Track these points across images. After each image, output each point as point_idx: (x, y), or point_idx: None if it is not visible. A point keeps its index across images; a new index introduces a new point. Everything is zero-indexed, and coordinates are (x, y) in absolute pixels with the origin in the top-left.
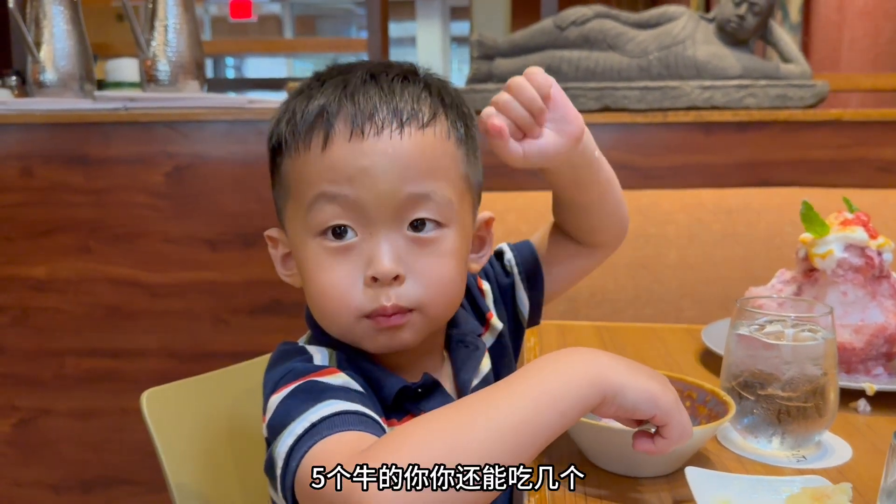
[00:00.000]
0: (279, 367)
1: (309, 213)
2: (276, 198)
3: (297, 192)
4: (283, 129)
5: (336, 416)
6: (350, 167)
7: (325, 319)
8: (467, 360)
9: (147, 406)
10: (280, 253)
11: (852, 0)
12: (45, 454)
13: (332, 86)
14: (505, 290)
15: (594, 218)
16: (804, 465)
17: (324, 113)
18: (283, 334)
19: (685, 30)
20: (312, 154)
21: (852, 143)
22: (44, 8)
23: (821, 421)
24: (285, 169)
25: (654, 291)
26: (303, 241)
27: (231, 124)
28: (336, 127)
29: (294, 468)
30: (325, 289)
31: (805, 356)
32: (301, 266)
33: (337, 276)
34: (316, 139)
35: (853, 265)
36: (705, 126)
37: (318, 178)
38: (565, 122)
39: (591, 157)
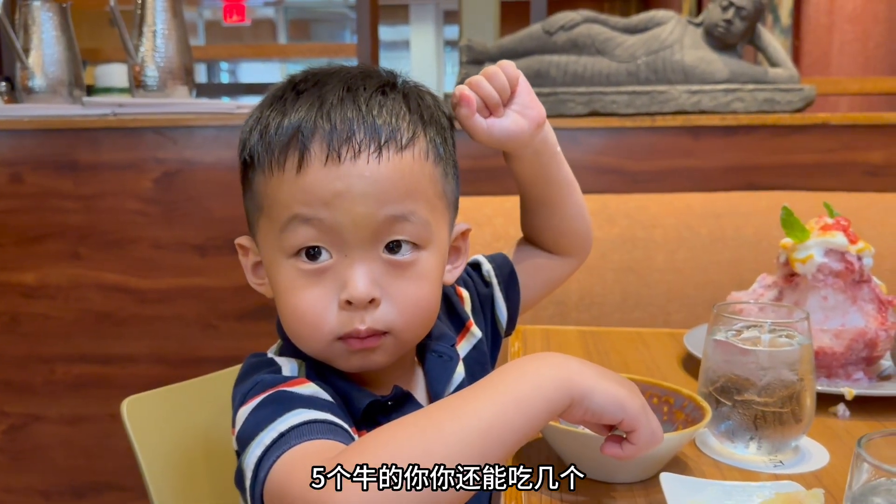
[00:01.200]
0: (248, 380)
1: (282, 233)
2: (247, 208)
3: (269, 211)
4: (255, 143)
5: (304, 426)
6: (325, 191)
7: (298, 340)
8: (441, 371)
9: (127, 413)
10: (251, 262)
11: (842, 4)
12: (36, 460)
13: (307, 101)
14: (484, 299)
15: (558, 219)
16: (781, 470)
17: (298, 133)
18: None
19: (673, 34)
20: (287, 176)
21: (840, 146)
22: (32, 14)
23: (797, 426)
24: (257, 185)
25: (642, 295)
26: (275, 260)
27: (219, 130)
28: (311, 149)
29: (263, 478)
30: (299, 311)
31: (781, 361)
32: (274, 284)
33: (311, 298)
34: (290, 160)
35: (833, 270)
36: (693, 130)
37: (293, 200)
38: (528, 108)
39: (553, 149)
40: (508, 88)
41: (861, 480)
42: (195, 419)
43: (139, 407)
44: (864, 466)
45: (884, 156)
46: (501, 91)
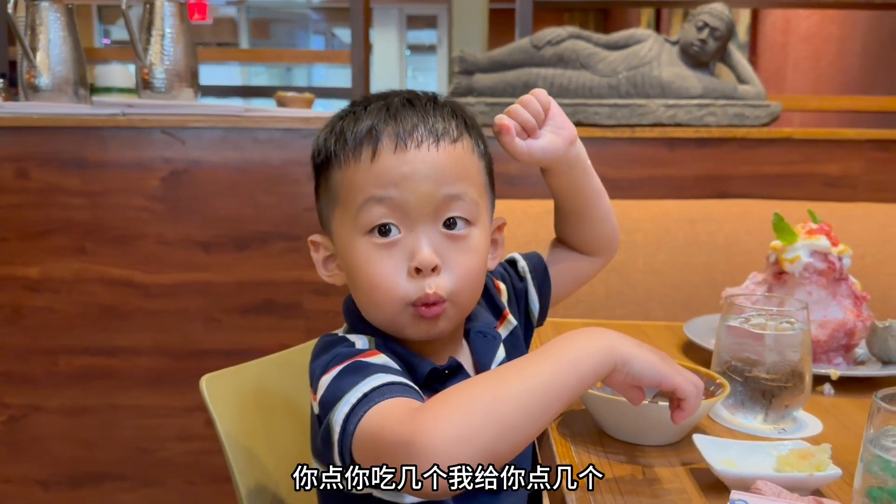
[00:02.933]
0: (326, 353)
1: (358, 214)
2: (321, 207)
3: (346, 199)
4: (331, 146)
5: (385, 387)
6: (395, 174)
7: (372, 309)
8: (486, 348)
9: (207, 390)
10: (322, 256)
11: (797, 24)
12: (35, 451)
13: (376, 109)
14: (520, 292)
15: (588, 225)
16: (784, 435)
17: (372, 130)
18: (274, 333)
19: (651, 52)
20: (363, 165)
21: (801, 159)
22: (40, 14)
23: (798, 398)
24: (334, 180)
25: (624, 293)
26: (351, 241)
27: (227, 131)
28: (383, 141)
29: (352, 431)
30: (375, 280)
31: (786, 344)
32: (350, 263)
33: (385, 268)
34: (366, 152)
35: (817, 269)
36: (669, 141)
37: (367, 185)
38: (561, 128)
39: (585, 163)
40: (542, 112)
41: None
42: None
43: (217, 384)
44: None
45: (840, 168)
46: (536, 115)
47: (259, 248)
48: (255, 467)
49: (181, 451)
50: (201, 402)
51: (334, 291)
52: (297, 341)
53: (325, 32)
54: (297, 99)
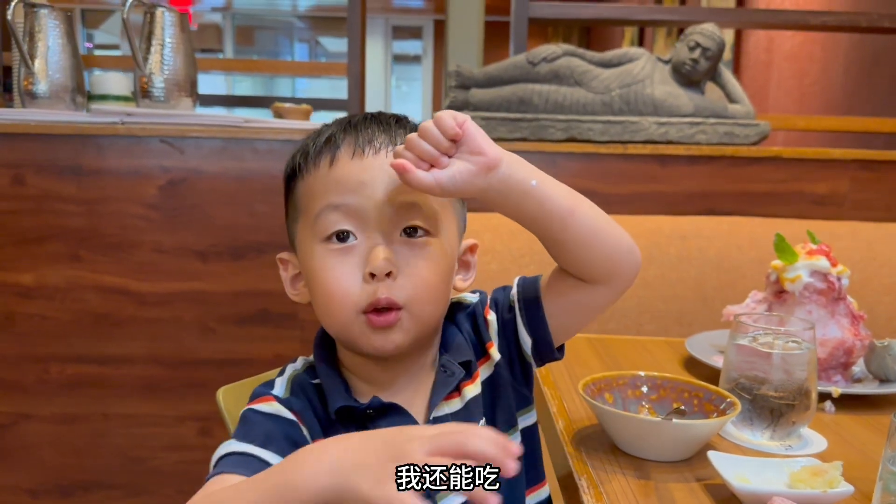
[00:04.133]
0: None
1: (316, 221)
2: (288, 224)
3: (306, 208)
4: (297, 159)
5: (228, 457)
6: (352, 180)
7: (327, 318)
8: (440, 385)
9: (223, 401)
10: (290, 274)
11: (780, 43)
12: (24, 459)
13: (338, 122)
14: (506, 324)
15: (569, 250)
16: (791, 452)
17: (332, 138)
18: (269, 343)
19: (644, 70)
20: (321, 172)
21: (790, 178)
22: (39, 21)
23: (805, 415)
24: (297, 191)
25: (616, 308)
26: (311, 250)
27: (227, 141)
28: (342, 149)
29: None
30: (330, 285)
31: (793, 363)
32: (308, 273)
33: (340, 273)
34: (324, 160)
35: (817, 288)
36: (661, 158)
37: (326, 191)
38: (476, 154)
39: (522, 186)
40: (442, 139)
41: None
42: None
43: (234, 395)
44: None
45: (828, 187)
46: (436, 144)
47: (255, 258)
48: None
49: (173, 461)
50: (195, 411)
51: None
52: (291, 351)
53: (310, 41)
54: (294, 110)
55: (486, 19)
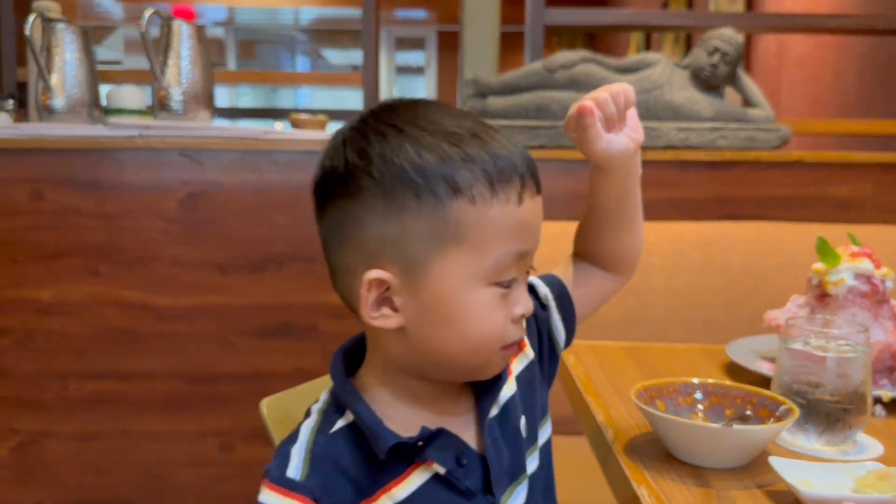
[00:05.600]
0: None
1: (494, 264)
2: (402, 238)
3: (474, 241)
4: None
5: None
6: (533, 225)
7: (473, 355)
8: (488, 389)
9: (267, 413)
10: (375, 296)
11: (791, 48)
12: (45, 476)
13: (495, 138)
14: (542, 322)
15: (626, 235)
16: (848, 457)
17: (514, 166)
18: (290, 356)
19: (663, 76)
20: (506, 209)
21: (812, 182)
22: (56, 35)
23: (860, 419)
24: (459, 215)
25: (641, 315)
26: (467, 287)
27: (245, 153)
28: (526, 185)
29: None
30: (488, 330)
31: (849, 366)
32: (454, 308)
33: (499, 317)
34: (510, 192)
35: (861, 291)
36: (681, 164)
37: (510, 235)
38: (633, 131)
39: (639, 170)
40: (624, 107)
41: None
42: None
43: (277, 407)
44: None
45: (850, 190)
46: (620, 111)
47: (275, 270)
48: None
49: (194, 477)
50: (215, 426)
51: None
52: (313, 365)
53: (312, 53)
54: (310, 121)
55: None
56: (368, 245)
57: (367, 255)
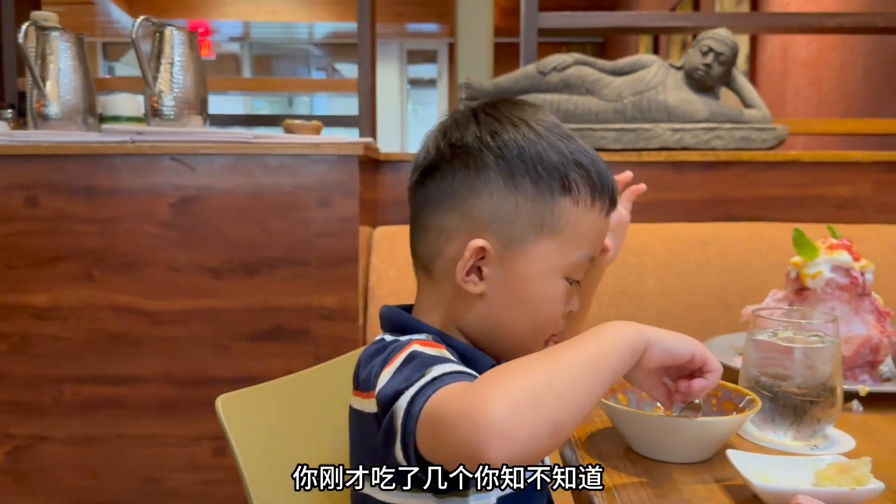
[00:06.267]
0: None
1: (574, 262)
2: (508, 210)
3: (567, 238)
4: (571, 171)
5: (449, 375)
6: (603, 237)
7: (532, 338)
8: None
9: (223, 410)
10: (472, 262)
11: (795, 51)
12: (41, 481)
13: (600, 160)
14: None
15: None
16: (817, 452)
17: (610, 182)
18: (284, 360)
19: (657, 77)
20: (595, 217)
21: (809, 182)
22: (50, 43)
23: (830, 412)
24: (563, 210)
25: (635, 316)
26: (549, 275)
27: (237, 158)
28: (613, 200)
29: (417, 413)
30: (553, 318)
31: (817, 357)
32: (534, 294)
33: (561, 309)
34: (603, 204)
35: (840, 284)
36: (676, 165)
37: (592, 240)
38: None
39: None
40: None
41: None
42: (287, 415)
43: (233, 404)
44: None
45: (850, 190)
46: None
47: (268, 274)
48: (274, 491)
49: (189, 482)
50: (210, 430)
51: (343, 317)
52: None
53: (327, 68)
54: (305, 126)
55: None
56: (480, 215)
57: (475, 223)
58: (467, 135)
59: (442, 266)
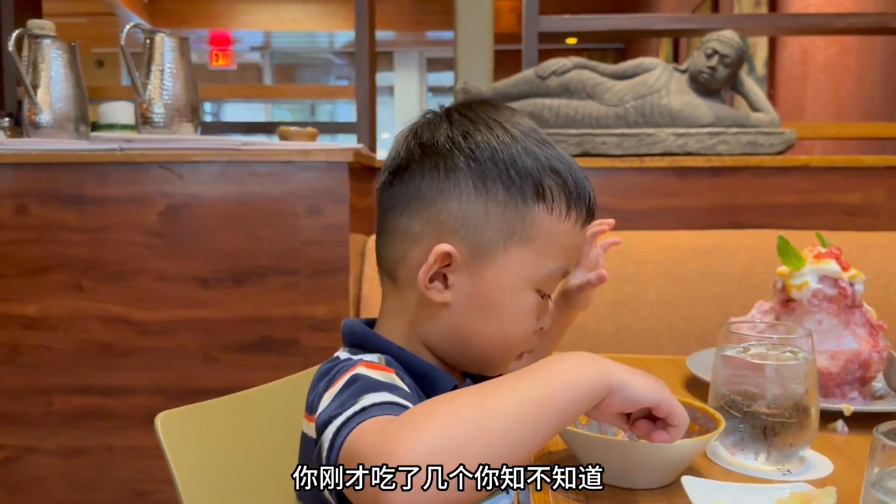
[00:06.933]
0: (328, 375)
1: (547, 274)
2: (481, 222)
3: (539, 246)
4: (546, 179)
5: (376, 406)
6: (579, 251)
7: (499, 353)
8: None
9: (161, 428)
10: (436, 268)
11: (815, 55)
12: (31, 493)
13: (578, 168)
14: None
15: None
16: (789, 477)
17: (588, 192)
18: (272, 371)
19: (660, 80)
20: (571, 228)
21: (819, 188)
22: (42, 51)
23: (804, 435)
24: (535, 218)
25: (633, 328)
26: (517, 287)
27: (226, 165)
28: (590, 212)
29: (339, 445)
30: (521, 333)
31: (788, 375)
32: (500, 305)
33: (532, 324)
34: (579, 214)
35: (827, 295)
36: (680, 171)
37: (566, 253)
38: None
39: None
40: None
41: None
42: (228, 434)
43: (173, 423)
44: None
45: (861, 196)
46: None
47: (258, 284)
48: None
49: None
50: None
51: (334, 327)
52: None
53: (349, 77)
54: (299, 133)
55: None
56: (447, 219)
57: (440, 227)
58: (438, 135)
59: (406, 272)
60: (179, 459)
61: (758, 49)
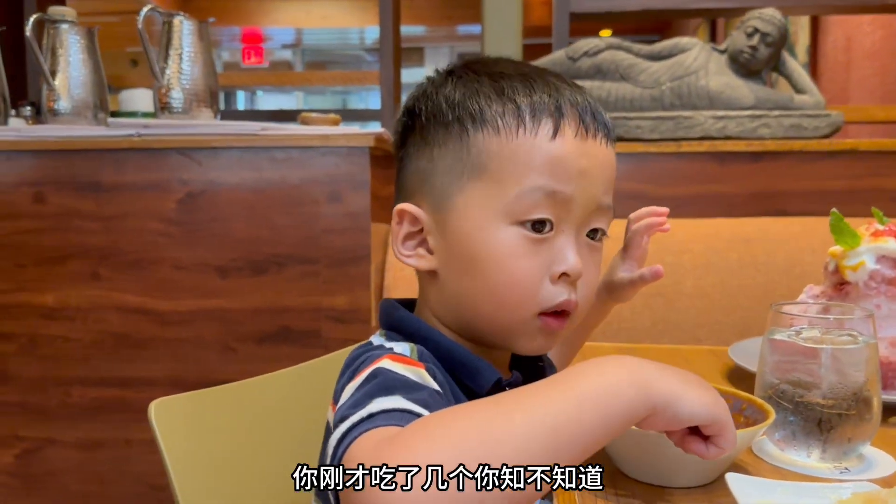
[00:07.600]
0: (357, 359)
1: (518, 199)
2: (426, 169)
3: (500, 174)
4: (476, 104)
5: (384, 414)
6: (574, 165)
7: (495, 310)
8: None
9: (155, 416)
10: (405, 230)
11: (859, 41)
12: (49, 485)
13: (557, 82)
14: None
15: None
16: (847, 476)
17: (554, 102)
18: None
19: (697, 61)
20: (537, 141)
21: (868, 173)
22: (60, 37)
23: (864, 429)
24: (481, 145)
25: (670, 320)
26: (491, 225)
27: (244, 151)
28: (566, 120)
29: (340, 455)
30: (515, 278)
31: (846, 361)
32: (479, 252)
33: (529, 267)
34: (544, 126)
35: (886, 277)
36: (719, 156)
37: (540, 168)
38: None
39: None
40: None
41: None
42: (223, 424)
43: (167, 410)
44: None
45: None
46: None
47: (276, 273)
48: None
49: None
50: None
51: (354, 318)
52: None
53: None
54: (321, 119)
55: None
56: (407, 182)
57: (405, 192)
58: (412, 102)
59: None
60: (172, 448)
61: (799, 36)
